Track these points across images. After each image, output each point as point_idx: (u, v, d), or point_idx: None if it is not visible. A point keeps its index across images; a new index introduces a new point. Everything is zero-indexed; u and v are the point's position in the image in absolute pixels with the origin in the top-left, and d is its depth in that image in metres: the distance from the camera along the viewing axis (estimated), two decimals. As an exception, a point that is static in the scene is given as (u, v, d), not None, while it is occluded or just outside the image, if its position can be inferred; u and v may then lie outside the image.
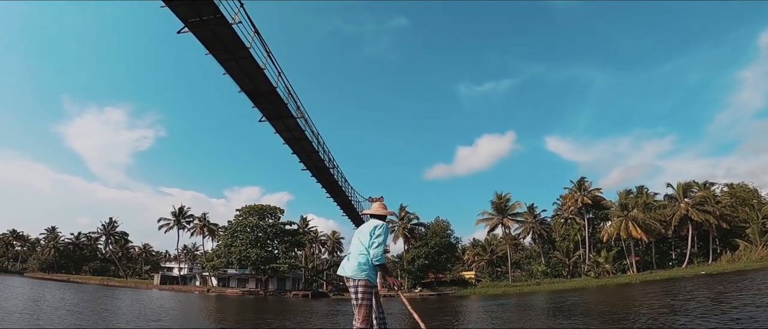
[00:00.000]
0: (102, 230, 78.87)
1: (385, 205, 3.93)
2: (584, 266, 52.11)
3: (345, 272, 3.58)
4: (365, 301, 3.44)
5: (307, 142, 18.15)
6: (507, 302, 31.90)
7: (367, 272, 3.47)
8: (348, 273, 3.53)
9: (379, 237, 3.52)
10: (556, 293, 38.40)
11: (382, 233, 3.55)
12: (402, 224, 58.19)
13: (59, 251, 76.91)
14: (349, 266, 3.55)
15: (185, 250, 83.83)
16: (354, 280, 3.47)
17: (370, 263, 3.49)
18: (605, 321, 15.47)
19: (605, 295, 31.29)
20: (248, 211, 54.63)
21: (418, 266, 53.94)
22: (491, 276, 58.80)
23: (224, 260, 52.82)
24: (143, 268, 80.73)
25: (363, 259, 3.52)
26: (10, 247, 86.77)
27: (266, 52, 12.80)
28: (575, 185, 54.34)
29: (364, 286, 3.45)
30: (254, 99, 14.41)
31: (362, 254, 3.54)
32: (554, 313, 20.62)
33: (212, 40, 11.67)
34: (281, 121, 16.00)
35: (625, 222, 47.39)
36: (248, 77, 13.04)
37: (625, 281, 43.82)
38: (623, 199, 50.65)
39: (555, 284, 47.54)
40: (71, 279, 65.67)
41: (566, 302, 26.94)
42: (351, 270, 3.51)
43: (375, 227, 3.56)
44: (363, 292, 3.44)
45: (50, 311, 19.00)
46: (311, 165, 21.25)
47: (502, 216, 54.72)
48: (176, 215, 66.97)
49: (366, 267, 3.48)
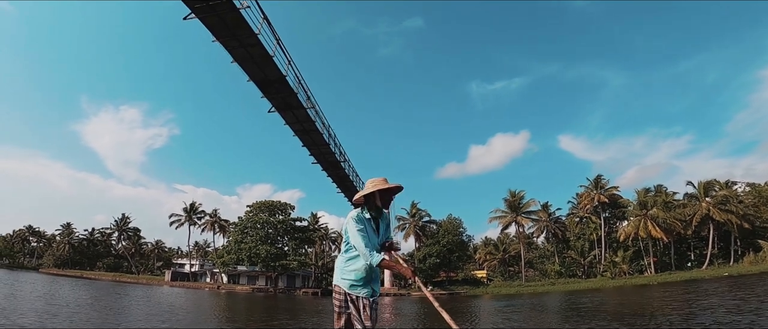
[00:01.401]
0: (114, 227, 79.60)
1: (377, 181, 2.89)
2: (600, 266, 50.96)
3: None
4: (337, 309, 2.86)
5: (317, 133, 17.58)
6: (521, 302, 31.06)
7: (339, 277, 2.90)
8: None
9: (352, 233, 2.76)
10: (572, 293, 37.40)
11: (354, 226, 2.75)
12: (413, 222, 57.50)
13: (74, 247, 77.77)
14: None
15: (197, 247, 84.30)
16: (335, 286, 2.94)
17: (345, 267, 2.89)
18: (631, 326, 14.65)
19: (624, 296, 30.27)
20: (259, 207, 54.43)
21: (429, 264, 53.20)
22: (503, 276, 57.85)
23: (234, 257, 52.66)
24: (155, 264, 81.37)
25: (337, 264, 2.98)
26: (27, 243, 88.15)
27: (276, 40, 12.26)
28: (591, 183, 53.12)
29: (335, 292, 2.90)
30: (263, 89, 13.88)
31: (340, 259, 2.98)
32: (574, 315, 19.78)
33: (220, 26, 11.15)
34: (291, 112, 15.45)
35: (643, 221, 46.09)
36: (257, 65, 12.51)
37: (642, 282, 42.64)
38: (642, 197, 49.25)
39: (570, 284, 46.48)
40: (84, 275, 66.39)
41: (584, 303, 26.04)
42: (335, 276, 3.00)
43: (347, 224, 2.83)
44: (335, 299, 2.89)
45: (45, 308, 18.79)
46: (321, 158, 20.71)
47: (515, 214, 53.60)
48: (187, 211, 67.12)
49: (338, 271, 2.93)
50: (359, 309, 2.79)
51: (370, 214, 2.88)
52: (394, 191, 2.92)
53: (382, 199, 2.87)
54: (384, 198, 2.88)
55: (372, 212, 2.89)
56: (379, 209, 2.91)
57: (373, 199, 2.86)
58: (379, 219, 2.94)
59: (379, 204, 2.88)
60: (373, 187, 2.82)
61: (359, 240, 2.69)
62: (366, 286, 2.82)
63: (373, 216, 2.89)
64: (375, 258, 2.64)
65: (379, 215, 2.93)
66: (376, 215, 2.92)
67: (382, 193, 2.85)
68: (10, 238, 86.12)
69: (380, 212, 2.95)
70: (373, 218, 2.90)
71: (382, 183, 2.84)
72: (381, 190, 2.83)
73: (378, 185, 2.82)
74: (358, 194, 2.89)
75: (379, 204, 2.87)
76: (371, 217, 2.88)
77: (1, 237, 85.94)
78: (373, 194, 2.83)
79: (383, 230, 2.98)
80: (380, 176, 2.90)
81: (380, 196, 2.85)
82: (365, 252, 2.66)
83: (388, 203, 2.92)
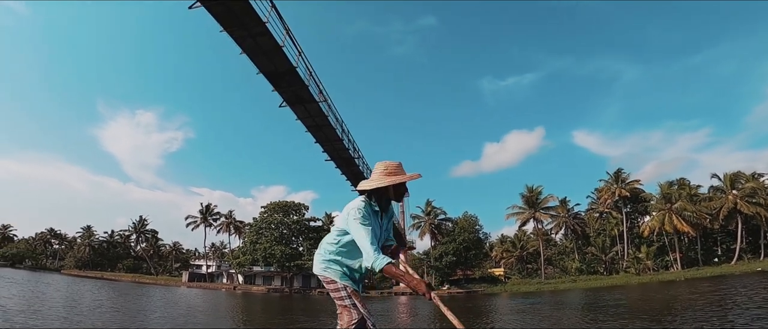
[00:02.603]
0: (132, 229, 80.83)
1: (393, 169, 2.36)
2: (622, 262, 49.47)
3: (313, 268, 2.53)
4: (338, 301, 2.39)
5: (330, 129, 17.04)
6: (543, 300, 30.15)
7: (326, 265, 2.42)
8: (314, 268, 2.51)
9: (355, 228, 2.21)
10: (594, 290, 36.28)
11: (359, 220, 2.21)
12: (428, 220, 56.74)
13: (94, 249, 79.21)
14: (314, 259, 2.53)
15: (213, 248, 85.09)
16: (320, 277, 2.47)
17: (334, 252, 2.40)
18: (665, 324, 13.78)
19: (651, 293, 29.16)
20: (273, 208, 54.46)
21: (445, 263, 52.42)
22: (521, 273, 56.68)
23: (250, 257, 52.74)
24: (173, 265, 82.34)
25: (324, 248, 2.46)
26: (49, 245, 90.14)
27: (285, 30, 11.79)
28: (612, 177, 51.58)
29: (329, 283, 2.41)
30: (273, 81, 13.40)
31: (325, 242, 2.47)
32: (605, 314, 18.87)
33: (226, 16, 10.70)
34: (302, 106, 14.94)
35: (668, 215, 44.52)
36: (266, 56, 12.03)
37: (669, 278, 41.22)
38: (665, 190, 47.55)
39: (591, 281, 45.20)
40: (105, 276, 67.41)
41: (609, 300, 25.05)
42: (314, 264, 2.50)
43: (348, 216, 2.27)
44: (333, 291, 2.40)
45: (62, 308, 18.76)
46: (335, 155, 20.18)
47: (533, 210, 52.30)
48: (203, 213, 67.58)
49: (325, 259, 2.43)
50: (360, 301, 2.38)
51: (379, 205, 2.37)
52: (410, 179, 2.36)
53: (396, 191, 2.36)
54: (398, 191, 2.36)
55: (380, 204, 2.38)
56: (388, 202, 2.43)
57: (385, 191, 2.35)
58: (384, 214, 2.45)
59: (392, 197, 2.38)
60: (389, 179, 2.29)
61: (364, 237, 2.17)
62: (357, 283, 2.44)
63: (379, 210, 2.39)
64: (379, 261, 2.10)
65: (385, 209, 2.44)
66: (382, 210, 2.42)
67: (396, 186, 2.33)
68: (32, 241, 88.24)
69: (388, 206, 2.47)
70: (379, 211, 2.40)
71: (398, 171, 2.33)
72: (396, 183, 2.31)
73: (394, 176, 2.31)
74: (368, 184, 2.34)
75: (391, 197, 2.38)
76: (377, 211, 2.38)
77: (24, 240, 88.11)
78: (386, 188, 2.33)
79: (385, 226, 2.49)
80: (395, 161, 2.39)
81: (394, 189, 2.34)
82: (371, 253, 2.14)
83: (402, 196, 2.39)
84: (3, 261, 77.81)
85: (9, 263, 76.78)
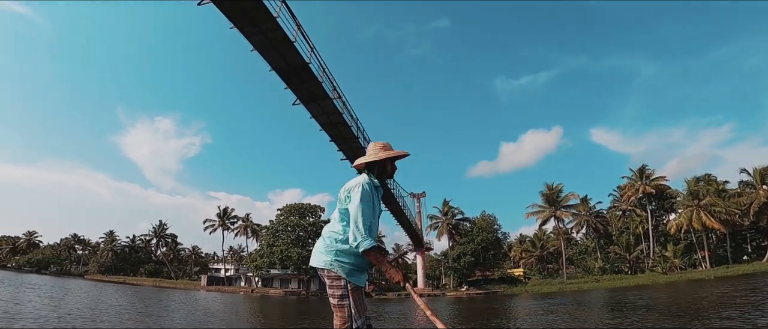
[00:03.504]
0: (152, 233, 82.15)
1: (387, 145, 2.41)
2: (648, 261, 47.86)
3: (310, 261, 2.40)
4: (334, 299, 2.25)
5: (345, 126, 16.62)
6: (566, 300, 29.15)
7: (333, 259, 2.25)
8: (312, 261, 2.37)
9: (356, 202, 2.13)
10: (620, 290, 35.01)
11: (360, 194, 2.14)
12: (446, 220, 55.93)
13: (117, 254, 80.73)
14: (314, 251, 2.38)
15: (231, 251, 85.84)
16: (321, 271, 2.30)
17: (341, 246, 2.25)
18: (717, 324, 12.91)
19: (681, 292, 27.93)
20: (289, 210, 54.50)
21: (464, 263, 51.53)
22: (541, 273, 55.39)
23: (267, 260, 52.85)
24: (193, 269, 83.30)
25: (330, 240, 2.30)
26: (73, 251, 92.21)
27: (296, 25, 11.43)
28: (635, 174, 49.95)
29: (328, 278, 2.26)
30: (286, 78, 13.04)
31: (332, 232, 2.31)
32: (644, 314, 17.97)
33: (236, 12, 10.38)
34: (316, 103, 14.55)
35: (696, 212, 42.86)
36: (277, 52, 11.67)
37: (698, 277, 39.63)
38: (692, 186, 45.80)
39: (616, 280, 43.77)
40: (127, 281, 68.53)
41: (638, 300, 24.01)
42: (314, 256, 2.35)
43: (351, 190, 2.21)
44: (329, 287, 2.26)
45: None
46: (351, 154, 19.72)
47: (554, 208, 50.89)
48: (220, 216, 68.18)
49: (332, 252, 2.26)
50: (354, 300, 2.23)
51: (379, 181, 2.36)
52: (400, 157, 2.43)
53: (391, 167, 2.41)
54: (393, 167, 2.42)
55: (380, 180, 2.38)
56: (382, 182, 2.42)
57: (384, 166, 2.36)
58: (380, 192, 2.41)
59: (389, 172, 2.41)
60: (385, 153, 2.32)
61: (360, 214, 2.09)
62: (363, 272, 2.32)
63: (379, 185, 2.36)
64: (368, 242, 2.06)
65: (382, 187, 2.44)
66: (382, 186, 2.42)
67: (392, 161, 2.40)
68: (57, 246, 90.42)
69: (382, 186, 2.45)
70: (380, 188, 2.37)
71: (390, 148, 2.38)
72: (392, 157, 2.36)
73: (389, 151, 2.35)
74: (365, 158, 2.35)
75: (389, 172, 2.41)
76: (378, 186, 2.34)
77: (49, 246, 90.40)
78: (383, 161, 2.34)
79: (380, 207, 2.43)
80: (383, 141, 2.43)
81: (390, 164, 2.39)
82: (362, 230, 2.07)
83: (393, 173, 2.45)
84: (29, 266, 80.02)
85: (35, 269, 78.89)
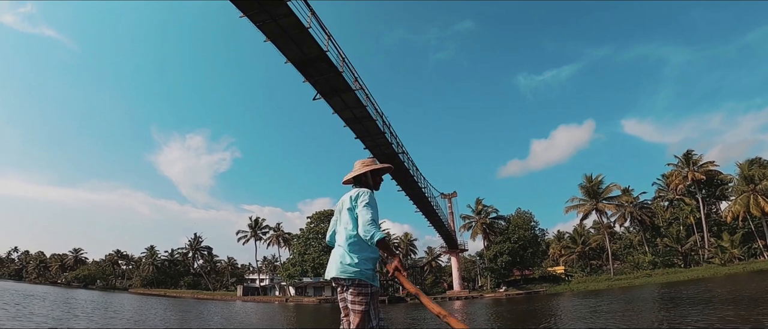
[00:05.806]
0: (188, 246, 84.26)
1: (371, 161, 2.71)
2: (703, 252, 44.45)
3: (329, 272, 2.40)
4: (359, 306, 2.26)
5: (370, 121, 15.74)
6: (621, 298, 27.00)
7: (357, 268, 2.29)
8: (333, 272, 2.36)
9: (364, 203, 2.33)
10: (676, 285, 32.36)
11: (368, 198, 2.37)
12: (480, 219, 54.02)
13: (157, 268, 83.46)
14: (332, 262, 2.41)
15: (266, 261, 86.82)
16: (343, 281, 2.31)
17: (363, 254, 2.34)
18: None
19: (743, 284, 25.46)
20: (319, 217, 54.30)
21: (501, 263, 49.51)
22: (584, 270, 52.53)
23: (299, 268, 52.72)
24: (229, 280, 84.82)
25: (352, 249, 2.34)
26: (117, 266, 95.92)
27: (310, 11, 10.66)
28: (681, 160, 46.65)
29: (357, 287, 2.28)
30: (303, 70, 12.31)
31: (352, 241, 2.36)
32: (735, 309, 16.09)
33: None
34: (338, 97, 13.74)
35: (753, 197, 39.44)
36: (293, 41, 10.93)
37: (761, 267, 36.35)
38: (746, 171, 42.22)
39: (670, 274, 40.75)
40: (167, 293, 70.48)
41: (700, 294, 21.83)
42: (335, 267, 2.36)
43: (358, 195, 2.41)
44: (355, 295, 2.28)
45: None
46: (377, 151, 18.83)
47: (595, 201, 47.94)
48: (252, 227, 68.93)
49: (357, 261, 2.31)
50: (374, 303, 2.37)
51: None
52: (383, 171, 2.72)
53: (374, 180, 2.68)
54: (375, 179, 2.69)
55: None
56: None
57: (365, 180, 2.63)
58: None
59: (371, 184, 2.64)
60: (366, 168, 2.63)
61: (370, 213, 2.30)
62: (377, 275, 2.42)
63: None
64: (380, 233, 2.23)
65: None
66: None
67: (373, 173, 2.66)
68: (102, 262, 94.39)
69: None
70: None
71: (372, 163, 2.67)
72: (373, 170, 2.64)
73: (371, 166, 2.64)
74: (348, 175, 2.68)
75: (371, 184, 2.64)
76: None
77: (95, 262, 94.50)
78: (365, 174, 2.63)
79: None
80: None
81: (372, 176, 2.66)
82: (376, 225, 2.26)
83: (378, 185, 2.71)
84: (77, 282, 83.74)
85: (82, 284, 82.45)
